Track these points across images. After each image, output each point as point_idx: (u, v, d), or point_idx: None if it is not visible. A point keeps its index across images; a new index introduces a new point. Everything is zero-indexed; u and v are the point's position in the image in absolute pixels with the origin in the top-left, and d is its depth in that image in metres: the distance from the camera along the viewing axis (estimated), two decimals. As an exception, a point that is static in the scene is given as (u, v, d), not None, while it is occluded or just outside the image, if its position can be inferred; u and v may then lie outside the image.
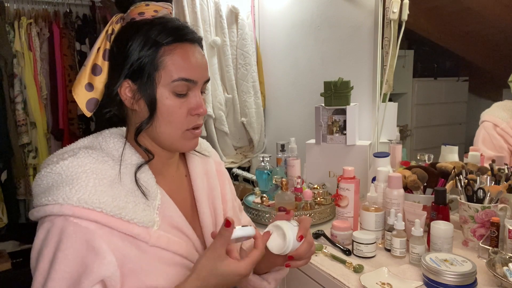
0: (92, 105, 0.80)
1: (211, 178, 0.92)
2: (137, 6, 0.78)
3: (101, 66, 0.79)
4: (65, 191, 0.67)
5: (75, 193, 0.67)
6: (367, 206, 1.16)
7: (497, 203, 1.06)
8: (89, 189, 0.68)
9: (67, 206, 0.66)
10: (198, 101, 0.78)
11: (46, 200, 0.67)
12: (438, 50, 1.61)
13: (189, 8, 1.97)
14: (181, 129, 0.77)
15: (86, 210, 0.66)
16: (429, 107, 1.69)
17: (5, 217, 2.53)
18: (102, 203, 0.68)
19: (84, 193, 0.67)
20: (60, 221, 0.66)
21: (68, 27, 2.67)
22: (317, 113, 1.61)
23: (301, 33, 2.00)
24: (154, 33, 0.75)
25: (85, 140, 0.80)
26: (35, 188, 0.72)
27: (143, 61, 0.74)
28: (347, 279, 0.97)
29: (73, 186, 0.68)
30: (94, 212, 0.67)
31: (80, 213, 0.66)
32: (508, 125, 1.32)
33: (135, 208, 0.71)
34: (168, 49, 0.75)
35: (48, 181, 0.70)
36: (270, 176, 1.65)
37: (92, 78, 0.79)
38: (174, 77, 0.75)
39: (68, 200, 0.66)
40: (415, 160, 1.48)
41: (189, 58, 0.76)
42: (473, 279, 0.86)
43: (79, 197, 0.67)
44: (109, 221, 0.68)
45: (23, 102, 2.52)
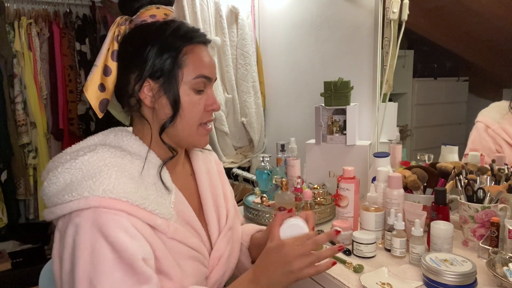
0: (103, 105, 0.82)
1: (213, 176, 0.95)
2: (148, 9, 0.81)
3: (110, 67, 0.81)
4: (89, 185, 0.68)
5: (100, 185, 0.68)
6: (367, 206, 1.16)
7: (497, 203, 1.06)
8: (112, 180, 0.69)
9: (93, 198, 0.67)
10: (213, 98, 0.84)
11: (69, 196, 0.68)
12: (438, 50, 1.61)
13: (189, 8, 1.97)
14: (196, 124, 0.81)
15: (113, 200, 0.67)
16: (429, 107, 1.69)
17: (5, 217, 2.53)
18: (127, 193, 0.69)
19: (108, 185, 0.68)
20: (90, 213, 0.67)
21: (68, 27, 2.67)
22: (317, 113, 1.61)
23: (301, 33, 2.00)
24: (175, 34, 0.79)
25: (95, 138, 0.81)
26: (50, 187, 0.71)
27: (166, 61, 0.78)
28: (347, 279, 0.97)
29: (96, 179, 0.69)
30: (120, 202, 0.68)
31: (107, 203, 0.67)
32: (499, 126, 1.32)
33: (156, 200, 0.73)
34: (189, 49, 0.80)
35: (66, 177, 0.71)
36: (270, 176, 1.65)
37: (104, 79, 0.81)
38: (197, 73, 0.80)
39: (94, 192, 0.67)
40: (415, 160, 1.48)
41: (205, 57, 0.82)
42: (473, 279, 0.86)
43: (104, 188, 0.68)
44: (135, 211, 0.69)
45: (23, 102, 2.52)
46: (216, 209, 0.91)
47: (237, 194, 1.95)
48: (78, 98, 2.70)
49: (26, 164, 2.59)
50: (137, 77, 0.78)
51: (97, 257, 0.65)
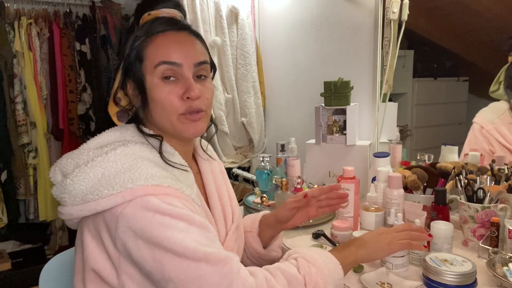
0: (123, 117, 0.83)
1: (217, 176, 0.96)
2: (143, 18, 0.82)
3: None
4: (129, 176, 0.68)
5: (139, 175, 0.68)
6: (367, 206, 1.16)
7: (497, 203, 1.06)
8: (149, 170, 0.70)
9: (138, 188, 0.66)
10: (188, 84, 0.78)
11: (110, 191, 0.67)
12: (438, 50, 1.61)
13: (189, 8, 1.97)
14: (175, 114, 0.78)
15: (156, 186, 0.68)
16: (429, 107, 1.69)
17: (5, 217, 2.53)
18: (165, 178, 0.70)
19: (147, 174, 0.69)
20: (138, 201, 0.66)
21: (68, 27, 2.67)
22: (317, 113, 1.61)
23: (301, 33, 2.00)
24: (141, 30, 0.80)
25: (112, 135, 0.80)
26: (78, 184, 0.70)
27: (131, 57, 0.79)
28: (347, 279, 0.96)
29: (135, 171, 0.69)
30: (163, 187, 0.69)
31: (153, 190, 0.67)
32: (493, 126, 1.32)
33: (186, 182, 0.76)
34: (150, 40, 0.79)
35: (97, 172, 0.70)
36: (270, 176, 1.65)
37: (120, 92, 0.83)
38: (155, 62, 0.77)
39: (137, 182, 0.67)
40: (415, 160, 1.48)
41: (171, 43, 0.79)
42: (473, 279, 0.86)
43: (146, 177, 0.68)
44: (178, 194, 0.70)
45: (23, 102, 2.52)
46: (222, 208, 0.91)
47: (237, 194, 1.95)
48: (78, 98, 2.70)
49: (26, 164, 2.58)
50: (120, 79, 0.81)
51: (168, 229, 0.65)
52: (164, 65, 0.77)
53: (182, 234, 0.65)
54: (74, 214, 0.70)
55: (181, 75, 0.78)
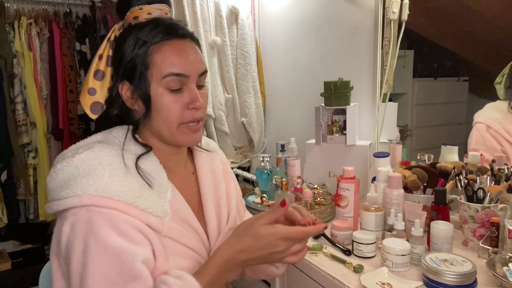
0: (98, 109, 0.83)
1: (217, 176, 0.94)
2: (132, 11, 0.81)
3: (103, 71, 0.83)
4: (83, 183, 0.69)
5: (92, 183, 0.69)
6: (367, 206, 1.16)
7: (497, 203, 1.06)
8: (105, 179, 0.70)
9: (86, 197, 0.68)
10: (194, 95, 0.79)
11: (65, 193, 0.69)
12: (438, 50, 1.61)
13: (189, 8, 1.97)
14: (176, 124, 0.79)
15: (105, 199, 0.68)
16: (429, 107, 1.69)
17: (5, 217, 2.53)
18: (119, 192, 0.70)
19: (100, 183, 0.69)
20: (83, 212, 0.68)
21: (68, 27, 2.67)
22: (317, 113, 1.61)
23: (301, 33, 2.00)
24: (144, 33, 0.78)
25: (98, 136, 0.82)
26: (51, 183, 0.73)
27: (135, 62, 0.78)
28: (347, 279, 0.97)
29: (90, 178, 0.70)
30: (112, 201, 0.69)
31: (99, 202, 0.68)
32: (501, 126, 1.32)
33: (149, 199, 0.74)
34: (156, 47, 0.78)
35: (65, 174, 0.72)
36: (270, 176, 1.65)
37: (94, 83, 0.83)
38: (164, 73, 0.77)
39: (87, 190, 0.68)
40: (415, 160, 1.48)
41: (178, 53, 0.78)
42: (473, 279, 0.86)
43: (97, 187, 0.69)
44: (128, 209, 0.70)
45: (23, 102, 2.52)
46: (217, 209, 0.90)
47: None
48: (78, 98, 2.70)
49: (26, 164, 2.59)
50: (116, 81, 0.81)
51: (87, 256, 0.66)
52: (172, 76, 0.77)
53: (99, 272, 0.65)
54: (47, 210, 0.74)
55: (186, 85, 0.79)
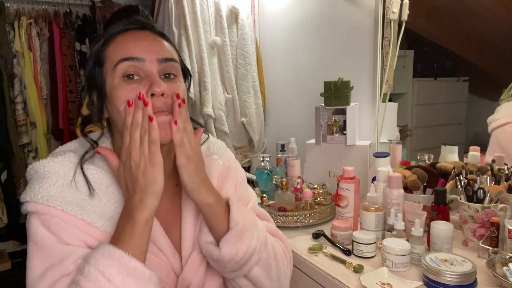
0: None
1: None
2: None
3: None
4: (35, 189, 0.70)
5: (42, 191, 0.69)
6: (367, 206, 1.16)
7: (497, 203, 1.06)
8: (55, 188, 0.70)
9: (32, 204, 0.69)
10: (152, 79, 0.69)
11: (23, 197, 0.71)
12: (438, 50, 1.61)
13: (189, 8, 1.97)
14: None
15: (47, 207, 0.68)
16: (429, 107, 1.69)
17: (5, 217, 2.53)
18: (64, 202, 0.69)
19: (49, 192, 0.69)
20: (32, 217, 0.69)
21: (68, 27, 2.67)
22: (317, 113, 1.61)
23: (301, 33, 2.00)
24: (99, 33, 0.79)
25: (73, 144, 0.81)
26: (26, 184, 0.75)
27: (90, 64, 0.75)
28: (347, 279, 0.97)
29: (42, 184, 0.70)
30: (54, 209, 0.68)
31: (41, 210, 0.68)
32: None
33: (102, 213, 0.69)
34: (109, 42, 0.74)
35: (28, 176, 0.75)
36: (270, 176, 1.65)
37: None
38: (116, 60, 0.70)
39: (34, 197, 0.69)
40: (415, 160, 1.48)
41: (130, 40, 0.72)
42: (473, 279, 0.86)
43: (43, 195, 0.69)
44: (70, 219, 0.68)
45: (23, 102, 2.52)
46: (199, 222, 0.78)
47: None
48: (78, 98, 2.70)
49: (26, 164, 2.58)
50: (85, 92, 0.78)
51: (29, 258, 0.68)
52: (124, 62, 0.69)
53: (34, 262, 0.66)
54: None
55: (144, 72, 0.70)
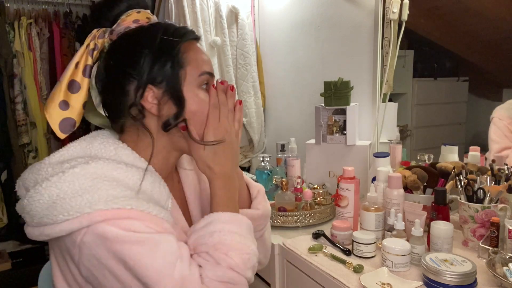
0: (67, 126, 0.74)
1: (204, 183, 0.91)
2: (129, 14, 0.76)
3: (80, 82, 0.74)
4: (87, 199, 0.62)
5: (99, 197, 0.62)
6: (367, 206, 1.16)
7: (497, 203, 1.06)
8: (111, 191, 0.64)
9: (96, 213, 0.61)
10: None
11: (65, 216, 0.61)
12: (438, 50, 1.61)
13: (189, 8, 1.97)
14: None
15: (117, 210, 0.62)
16: (429, 107, 1.69)
17: (5, 217, 2.53)
18: (129, 200, 0.64)
19: (108, 196, 0.63)
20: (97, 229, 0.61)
21: (68, 27, 2.67)
22: (317, 113, 1.61)
23: (301, 33, 2.00)
24: (167, 34, 0.75)
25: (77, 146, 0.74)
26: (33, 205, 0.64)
27: (166, 63, 0.73)
28: (347, 279, 0.97)
29: (94, 192, 0.63)
30: (124, 210, 0.63)
31: (112, 215, 0.62)
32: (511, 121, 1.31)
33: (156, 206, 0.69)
34: (187, 46, 0.76)
35: (52, 193, 0.63)
36: (270, 176, 1.65)
37: (68, 96, 0.73)
38: (200, 71, 0.76)
39: (95, 206, 0.61)
40: (415, 160, 1.48)
41: (203, 54, 0.79)
42: (473, 279, 0.86)
43: (106, 200, 0.62)
44: (142, 216, 0.64)
45: (23, 102, 2.52)
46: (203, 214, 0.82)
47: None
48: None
49: (26, 164, 2.59)
50: (137, 87, 0.73)
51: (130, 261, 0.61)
52: (206, 75, 0.77)
53: (146, 258, 0.62)
54: (34, 237, 0.66)
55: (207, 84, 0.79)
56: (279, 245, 1.22)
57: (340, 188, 1.22)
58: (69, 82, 0.74)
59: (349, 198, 1.20)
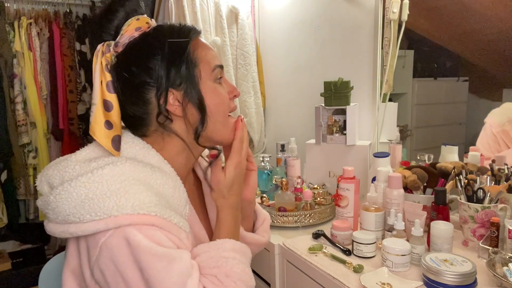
0: (117, 142, 0.74)
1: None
2: (130, 24, 0.75)
3: (110, 101, 0.74)
4: (115, 202, 0.64)
5: (126, 201, 0.64)
6: (367, 206, 1.16)
7: (497, 203, 1.06)
8: (138, 196, 0.65)
9: (123, 217, 0.63)
10: (230, 84, 0.83)
11: (92, 216, 0.63)
12: (438, 50, 1.61)
13: (189, 8, 1.97)
14: (226, 115, 0.80)
15: (143, 216, 0.64)
16: (429, 107, 1.69)
17: (5, 217, 2.53)
18: (154, 206, 0.66)
19: (135, 200, 0.65)
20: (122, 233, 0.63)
21: (68, 27, 2.67)
22: (317, 113, 1.61)
23: (301, 33, 2.00)
24: (174, 35, 0.76)
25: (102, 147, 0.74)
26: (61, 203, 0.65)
27: (180, 65, 0.74)
28: (347, 279, 0.97)
29: (122, 195, 0.64)
30: (149, 216, 0.65)
31: (138, 220, 0.63)
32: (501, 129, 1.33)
33: (176, 215, 0.70)
34: (194, 44, 0.77)
35: (81, 192, 0.65)
36: (270, 176, 1.65)
37: (107, 115, 0.74)
38: (212, 65, 0.78)
39: (122, 210, 0.63)
40: (415, 160, 1.48)
41: (210, 48, 0.80)
42: (473, 279, 0.86)
43: (133, 204, 0.64)
44: (164, 224, 0.66)
45: (23, 102, 2.53)
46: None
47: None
48: (78, 98, 2.71)
49: (26, 164, 2.59)
50: (158, 94, 0.74)
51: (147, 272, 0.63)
52: (219, 68, 0.79)
53: (163, 273, 0.63)
54: (56, 233, 0.67)
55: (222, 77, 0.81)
56: (279, 245, 1.22)
57: (340, 188, 1.22)
58: (103, 102, 0.74)
59: (349, 198, 1.20)
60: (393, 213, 1.11)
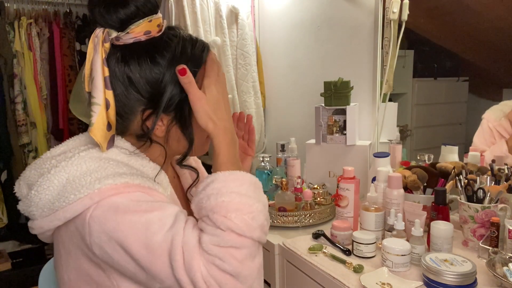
0: (111, 143, 0.71)
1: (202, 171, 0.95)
2: (140, 25, 0.68)
3: (108, 99, 0.69)
4: (96, 177, 0.64)
5: (107, 175, 0.65)
6: (367, 206, 1.16)
7: (497, 203, 1.06)
8: (117, 170, 0.66)
9: (105, 188, 0.63)
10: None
11: (76, 195, 0.63)
12: (438, 50, 1.61)
13: (189, 8, 1.97)
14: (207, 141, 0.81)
15: (125, 185, 0.65)
16: (429, 107, 1.69)
17: (5, 217, 2.53)
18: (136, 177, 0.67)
19: (115, 173, 0.65)
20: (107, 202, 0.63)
21: (68, 27, 2.67)
22: (317, 113, 1.61)
23: (301, 33, 2.00)
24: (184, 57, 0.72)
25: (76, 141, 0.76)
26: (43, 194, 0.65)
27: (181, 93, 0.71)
28: (347, 279, 0.97)
29: (102, 171, 0.65)
30: (133, 185, 0.66)
31: (121, 189, 0.64)
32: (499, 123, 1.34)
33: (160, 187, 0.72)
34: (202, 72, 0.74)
35: (62, 177, 0.65)
36: (270, 176, 1.65)
37: (108, 115, 0.70)
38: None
39: (105, 181, 0.63)
40: (415, 160, 1.48)
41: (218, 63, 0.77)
42: (473, 279, 0.87)
43: (114, 176, 0.65)
44: (148, 191, 0.67)
45: (23, 102, 2.53)
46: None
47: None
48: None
49: (26, 164, 2.59)
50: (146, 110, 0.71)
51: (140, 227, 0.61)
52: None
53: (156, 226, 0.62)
54: (45, 226, 0.66)
55: None
56: (279, 245, 1.22)
57: (340, 188, 1.22)
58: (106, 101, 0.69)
59: (349, 198, 1.20)
60: (393, 213, 1.11)
